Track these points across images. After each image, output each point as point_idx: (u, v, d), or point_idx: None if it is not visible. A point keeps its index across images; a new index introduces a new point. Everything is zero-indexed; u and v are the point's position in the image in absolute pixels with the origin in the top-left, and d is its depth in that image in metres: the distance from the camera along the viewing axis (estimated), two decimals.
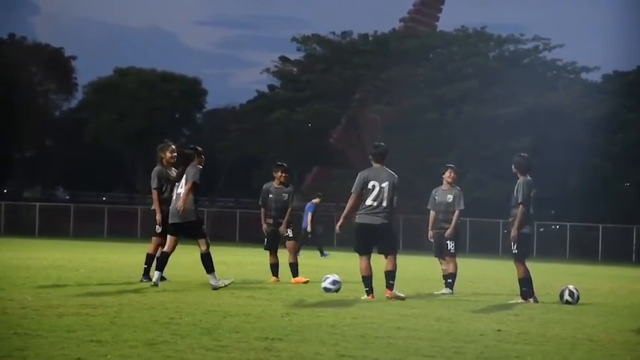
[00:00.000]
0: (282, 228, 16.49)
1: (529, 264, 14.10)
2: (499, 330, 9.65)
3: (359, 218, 13.23)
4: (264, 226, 16.63)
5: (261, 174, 61.46)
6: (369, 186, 13.16)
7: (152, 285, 13.65)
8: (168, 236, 14.17)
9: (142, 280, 14.51)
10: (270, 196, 16.57)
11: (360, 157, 58.70)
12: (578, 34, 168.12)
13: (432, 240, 15.58)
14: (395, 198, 13.15)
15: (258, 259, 27.08)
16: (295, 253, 16.79)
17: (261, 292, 13.57)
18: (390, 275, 13.24)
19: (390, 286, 13.21)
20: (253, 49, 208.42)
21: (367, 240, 13.23)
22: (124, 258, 24.94)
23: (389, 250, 13.32)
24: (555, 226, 51.09)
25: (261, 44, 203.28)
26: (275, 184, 16.65)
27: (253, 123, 61.06)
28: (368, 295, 13.12)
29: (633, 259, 47.65)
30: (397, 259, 13.34)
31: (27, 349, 7.26)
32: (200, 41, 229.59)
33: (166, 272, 14.40)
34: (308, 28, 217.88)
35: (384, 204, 13.09)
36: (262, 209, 16.73)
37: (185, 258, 18.97)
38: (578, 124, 51.15)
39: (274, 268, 16.65)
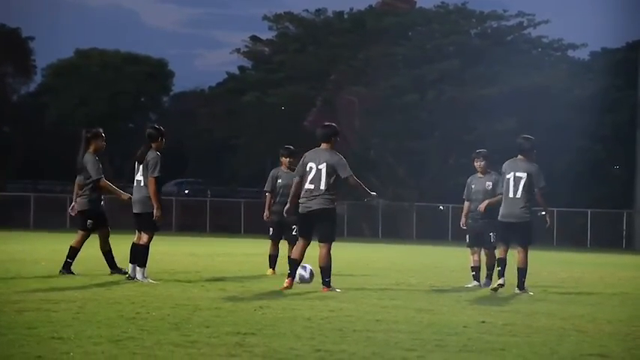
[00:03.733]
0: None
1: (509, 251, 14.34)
2: (483, 321, 9.69)
3: (300, 205, 13.07)
4: (267, 213, 16.37)
5: (232, 160, 61.40)
6: (307, 168, 13.02)
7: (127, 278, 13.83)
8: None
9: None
10: (280, 181, 16.37)
11: (337, 142, 58.69)
12: (564, 8, 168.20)
13: (466, 227, 15.21)
14: (333, 180, 12.84)
15: (229, 250, 27.10)
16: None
17: (233, 285, 13.57)
18: (325, 271, 12.93)
19: (326, 284, 12.89)
20: (222, 28, 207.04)
21: (307, 226, 13.07)
22: (88, 250, 24.81)
23: (323, 237, 12.99)
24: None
25: (230, 23, 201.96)
26: (283, 168, 16.55)
27: (223, 107, 60.84)
28: (287, 278, 13.07)
29: (623, 246, 47.95)
30: (332, 251, 12.96)
31: None
32: (164, 20, 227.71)
33: (125, 264, 14.41)
34: (280, 5, 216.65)
35: (322, 187, 12.87)
36: (268, 195, 16.55)
37: (151, 249, 18.87)
38: (566, 104, 51.27)
39: (273, 260, 16.45)
